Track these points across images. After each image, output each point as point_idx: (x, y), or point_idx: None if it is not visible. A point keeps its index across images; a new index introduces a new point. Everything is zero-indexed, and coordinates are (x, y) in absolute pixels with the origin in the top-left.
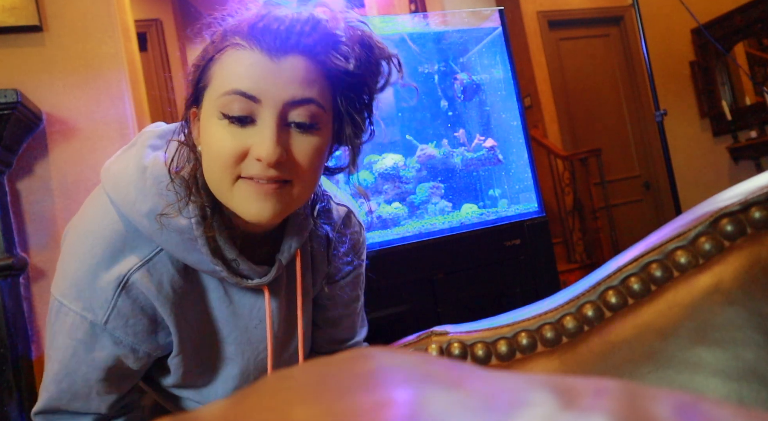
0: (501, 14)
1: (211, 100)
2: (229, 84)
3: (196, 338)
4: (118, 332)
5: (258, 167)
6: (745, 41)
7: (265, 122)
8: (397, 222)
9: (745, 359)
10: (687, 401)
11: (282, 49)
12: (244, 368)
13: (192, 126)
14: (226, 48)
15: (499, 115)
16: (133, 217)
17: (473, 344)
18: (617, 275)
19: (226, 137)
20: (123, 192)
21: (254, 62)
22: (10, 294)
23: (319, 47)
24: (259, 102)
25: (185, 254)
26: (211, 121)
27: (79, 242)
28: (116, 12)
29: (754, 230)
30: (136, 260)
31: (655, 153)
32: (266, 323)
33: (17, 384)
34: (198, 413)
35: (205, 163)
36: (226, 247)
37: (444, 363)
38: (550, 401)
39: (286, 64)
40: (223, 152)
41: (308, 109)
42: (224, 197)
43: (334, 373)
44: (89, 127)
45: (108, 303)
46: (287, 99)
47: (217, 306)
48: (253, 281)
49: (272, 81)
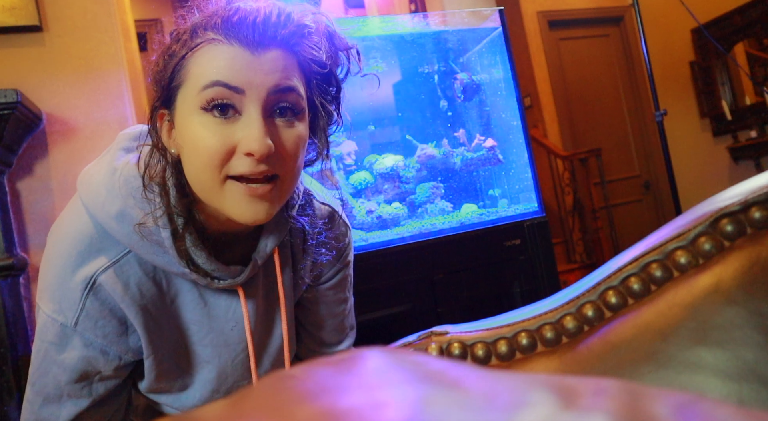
0: (501, 14)
1: (188, 98)
2: (209, 77)
3: (169, 342)
4: (88, 333)
5: (247, 164)
6: (745, 41)
7: (251, 114)
8: (397, 222)
9: (745, 359)
10: (687, 401)
11: (261, 42)
12: (221, 371)
13: (160, 129)
14: (201, 45)
15: (499, 115)
16: (102, 218)
17: (473, 344)
18: (617, 275)
19: (210, 134)
20: (93, 193)
21: (234, 55)
22: (10, 294)
23: (295, 39)
24: (242, 93)
25: (154, 257)
26: (191, 119)
27: (52, 246)
28: (116, 12)
29: (754, 230)
30: (104, 261)
31: (655, 153)
32: (244, 324)
33: (17, 384)
34: (198, 413)
35: (188, 164)
36: (194, 250)
37: (444, 363)
38: (550, 401)
39: (266, 56)
40: (209, 151)
41: (291, 97)
42: (213, 199)
43: (334, 373)
44: (89, 127)
45: (77, 304)
46: (271, 87)
47: (191, 309)
48: (225, 282)
49: (255, 72)
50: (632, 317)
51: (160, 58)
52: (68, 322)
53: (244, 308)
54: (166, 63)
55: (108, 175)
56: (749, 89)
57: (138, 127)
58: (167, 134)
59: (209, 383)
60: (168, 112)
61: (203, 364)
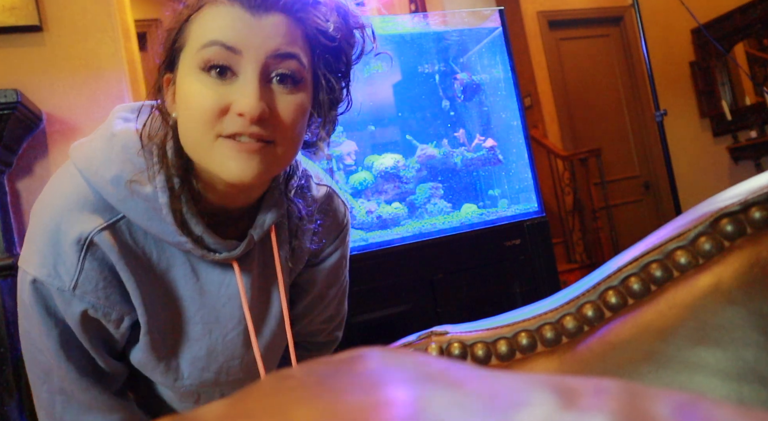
0: (501, 14)
1: (188, 58)
2: (207, 37)
3: (160, 314)
4: (89, 295)
5: (239, 123)
6: (745, 41)
7: (246, 76)
8: (397, 222)
9: (745, 359)
10: (687, 401)
11: (263, 5)
12: (211, 349)
13: (165, 93)
14: (203, 6)
15: (499, 115)
16: (96, 182)
17: (473, 344)
18: (617, 275)
19: (206, 92)
20: (89, 158)
21: (234, 17)
22: (10, 294)
23: (299, 6)
24: (240, 53)
25: (150, 224)
26: (189, 78)
27: (42, 210)
28: (116, 12)
29: (754, 230)
30: (100, 221)
31: (655, 153)
32: (237, 300)
33: (17, 384)
34: (198, 413)
35: (182, 124)
36: (192, 220)
37: (444, 363)
38: (550, 401)
39: (267, 20)
40: (202, 107)
41: (291, 64)
42: (203, 158)
43: (334, 373)
44: (89, 127)
45: (75, 266)
46: (270, 51)
47: (183, 283)
48: (221, 255)
49: (254, 34)
50: (632, 317)
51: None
52: (65, 286)
53: (239, 282)
54: (172, 26)
55: (105, 140)
56: (749, 89)
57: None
58: (172, 98)
59: (198, 360)
60: (172, 75)
61: (192, 342)
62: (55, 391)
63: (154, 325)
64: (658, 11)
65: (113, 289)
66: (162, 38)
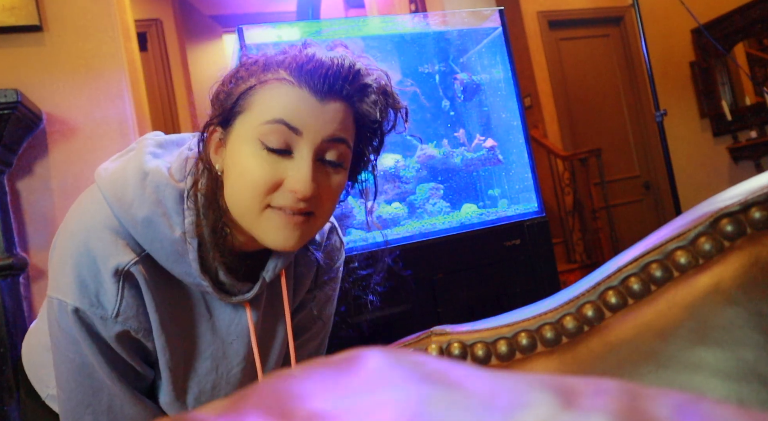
0: (501, 14)
1: (249, 127)
2: (273, 113)
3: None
4: (131, 321)
5: (290, 199)
6: (745, 41)
7: (302, 155)
8: (397, 222)
9: (745, 359)
10: (687, 401)
11: (328, 92)
12: (216, 384)
13: (208, 144)
14: (271, 81)
15: (499, 115)
16: (126, 220)
17: (473, 344)
18: (617, 275)
19: (263, 165)
20: (120, 193)
21: (301, 98)
22: (10, 294)
23: (357, 95)
24: (300, 134)
25: (173, 265)
26: (247, 148)
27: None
28: (116, 12)
29: (754, 230)
30: (133, 256)
31: (655, 153)
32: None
33: (17, 384)
34: (198, 413)
35: (232, 187)
36: (215, 265)
37: (444, 363)
38: (550, 401)
39: (329, 106)
40: (258, 180)
41: (341, 148)
42: (249, 223)
43: (334, 373)
44: (89, 127)
45: (116, 295)
46: (327, 136)
47: (198, 319)
48: (237, 298)
49: (316, 118)
50: (632, 317)
51: (227, 80)
52: (108, 314)
53: (250, 322)
54: (233, 87)
55: (137, 177)
56: (749, 89)
57: (161, 134)
58: (215, 150)
59: (203, 395)
60: (222, 131)
61: (201, 377)
62: (101, 411)
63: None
64: (658, 11)
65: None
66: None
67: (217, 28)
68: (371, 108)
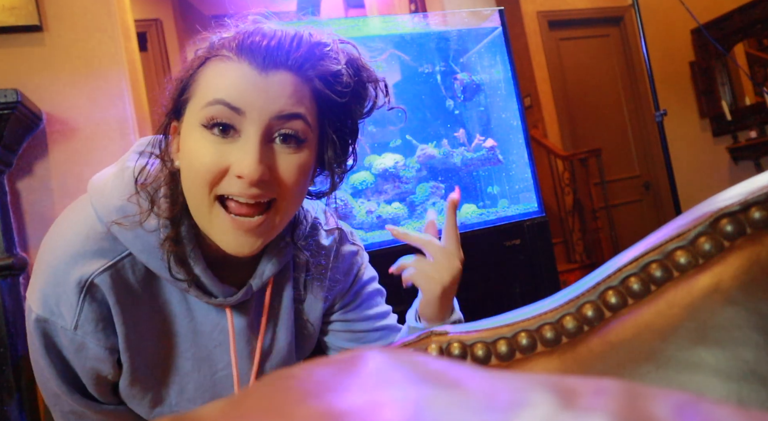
0: (501, 14)
1: (193, 112)
2: (212, 94)
3: (148, 350)
4: (89, 336)
5: (238, 185)
6: (745, 41)
7: (248, 137)
8: (397, 222)
9: (745, 359)
10: (687, 401)
11: (271, 63)
12: (199, 384)
13: (172, 141)
14: (211, 59)
15: (499, 115)
16: (103, 211)
17: (473, 344)
18: (617, 275)
19: (205, 151)
20: (100, 187)
21: (240, 74)
22: (10, 294)
23: (308, 64)
24: (243, 114)
25: (149, 259)
26: (192, 134)
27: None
28: (116, 12)
29: (753, 230)
30: (102, 263)
31: (655, 153)
32: (229, 345)
33: (17, 384)
34: (198, 413)
35: (184, 181)
36: (193, 259)
37: (444, 363)
38: (550, 401)
39: (274, 78)
40: (202, 166)
41: (296, 124)
42: (202, 222)
43: (333, 373)
44: (89, 127)
45: (74, 308)
46: (274, 113)
47: (178, 321)
48: (217, 300)
49: (259, 94)
50: (632, 317)
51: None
52: (67, 325)
53: (230, 328)
54: (181, 75)
55: (118, 172)
56: (749, 89)
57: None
58: (176, 147)
59: (186, 392)
60: (178, 124)
61: (182, 375)
62: (66, 411)
63: (138, 360)
64: (658, 11)
65: (113, 328)
66: (171, 87)
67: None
68: (330, 78)
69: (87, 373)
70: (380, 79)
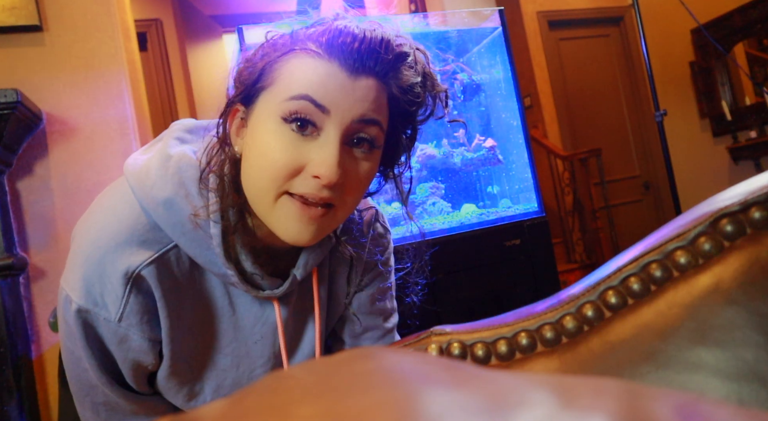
0: (501, 14)
1: (271, 103)
2: (298, 88)
3: (189, 344)
4: (134, 328)
5: (312, 185)
6: (745, 41)
7: (329, 137)
8: (397, 222)
9: (745, 359)
10: (687, 401)
11: (360, 67)
12: (237, 381)
13: (230, 124)
14: (297, 51)
15: (499, 115)
16: (149, 204)
17: (473, 344)
18: (617, 275)
19: (283, 146)
20: (143, 177)
21: (330, 73)
22: (10, 294)
23: (392, 73)
24: (327, 113)
25: (198, 252)
26: (267, 125)
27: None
28: (116, 12)
29: (754, 230)
30: (149, 255)
31: (655, 153)
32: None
33: (17, 384)
34: (198, 413)
35: (250, 169)
36: (242, 254)
37: (444, 363)
38: (550, 401)
39: (361, 82)
40: (277, 162)
41: (373, 130)
42: (263, 209)
43: (334, 373)
44: (89, 127)
45: (120, 299)
46: (357, 116)
47: (220, 315)
48: (265, 292)
49: (346, 96)
50: (632, 317)
51: (251, 56)
52: (111, 317)
53: (279, 320)
54: (257, 62)
55: (161, 160)
56: (749, 89)
57: (191, 120)
58: (236, 131)
59: (222, 389)
60: (244, 110)
61: (219, 371)
62: (98, 402)
63: (179, 353)
64: (658, 11)
65: (157, 320)
66: (242, 69)
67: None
68: (408, 89)
69: (128, 363)
70: (443, 90)
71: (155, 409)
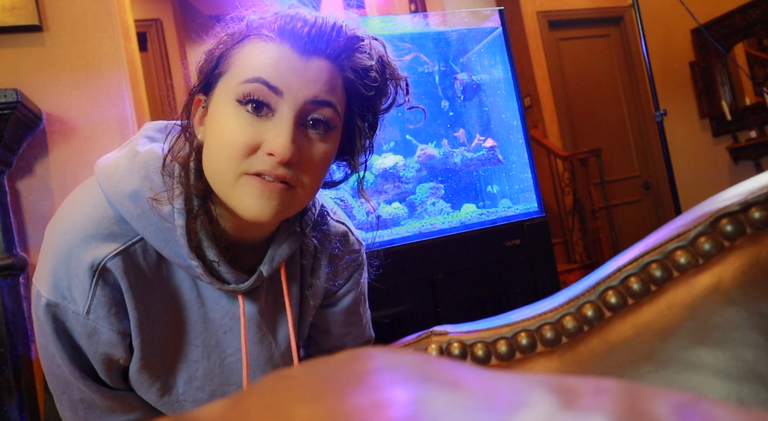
0: (501, 14)
1: (227, 87)
2: (251, 72)
3: (158, 336)
4: (101, 321)
5: (268, 163)
6: (745, 41)
7: (282, 117)
8: (397, 222)
9: (745, 359)
10: (687, 401)
11: (312, 49)
12: (208, 371)
13: (193, 113)
14: (252, 37)
15: (499, 115)
16: (115, 197)
17: (473, 344)
18: (617, 275)
19: (238, 127)
20: (110, 173)
21: (282, 56)
22: (10, 294)
23: (345, 55)
24: (281, 95)
25: (163, 244)
26: (225, 108)
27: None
28: (116, 12)
29: (754, 230)
30: (114, 247)
31: (655, 153)
32: (240, 331)
33: (17, 384)
34: (198, 413)
35: (209, 152)
36: (207, 245)
37: (444, 363)
38: (550, 401)
39: (313, 64)
40: (234, 142)
41: (327, 111)
42: (224, 191)
43: (334, 373)
44: (89, 127)
45: (87, 292)
46: (310, 97)
47: (189, 307)
48: (230, 286)
49: (298, 77)
50: (632, 317)
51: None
52: (79, 310)
53: (242, 315)
54: (215, 49)
55: (128, 156)
56: (749, 89)
57: (162, 121)
58: (199, 120)
59: (195, 380)
60: (205, 99)
61: (190, 362)
62: (75, 400)
63: (149, 346)
64: (658, 11)
65: (125, 312)
66: (200, 59)
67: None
68: (362, 72)
69: (99, 357)
70: (403, 78)
71: (131, 405)
